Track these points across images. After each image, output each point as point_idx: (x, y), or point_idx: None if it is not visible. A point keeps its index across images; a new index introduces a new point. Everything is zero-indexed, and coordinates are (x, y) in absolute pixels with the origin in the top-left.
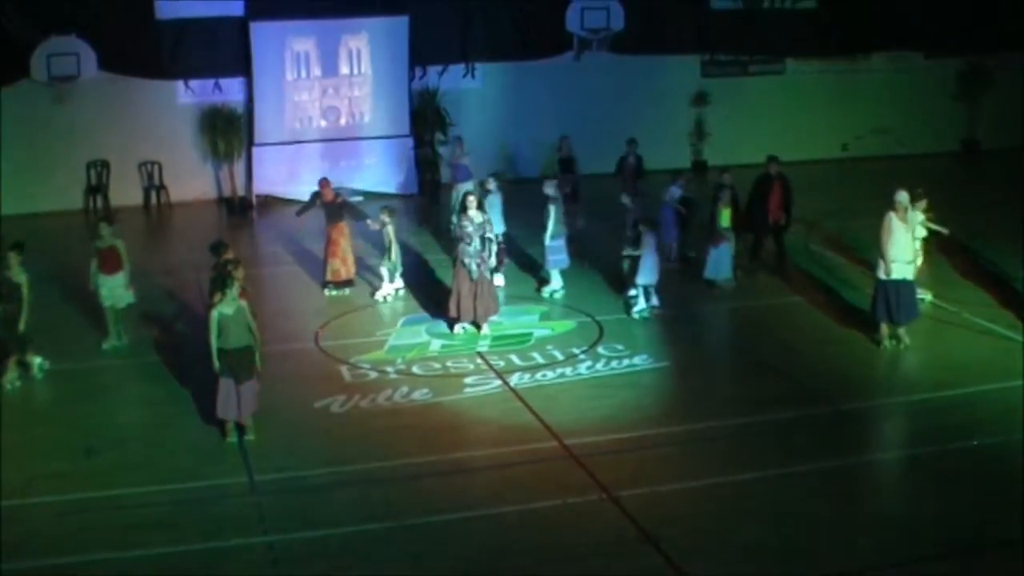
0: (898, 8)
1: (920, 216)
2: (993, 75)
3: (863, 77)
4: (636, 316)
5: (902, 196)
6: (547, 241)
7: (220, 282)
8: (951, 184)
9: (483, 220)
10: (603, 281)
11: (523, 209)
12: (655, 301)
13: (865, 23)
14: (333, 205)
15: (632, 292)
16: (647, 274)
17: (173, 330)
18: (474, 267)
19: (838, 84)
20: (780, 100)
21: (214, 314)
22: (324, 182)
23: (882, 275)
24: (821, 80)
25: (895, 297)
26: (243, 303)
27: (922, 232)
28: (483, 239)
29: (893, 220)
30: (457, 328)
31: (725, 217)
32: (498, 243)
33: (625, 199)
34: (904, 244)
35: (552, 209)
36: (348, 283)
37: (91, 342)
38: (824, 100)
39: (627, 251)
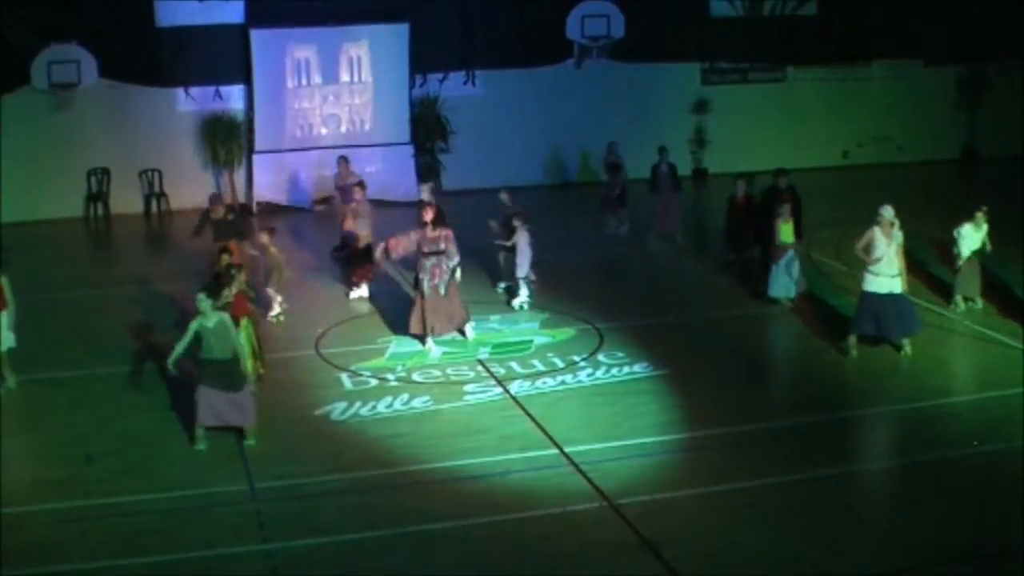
0: (897, 16)
1: (982, 230)
2: (992, 82)
3: (863, 85)
4: (517, 307)
5: (887, 211)
6: None
7: (213, 289)
8: (951, 191)
9: (437, 237)
10: (604, 283)
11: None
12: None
13: (865, 31)
14: (224, 222)
15: (507, 284)
16: (525, 267)
17: (173, 337)
18: (426, 284)
19: (838, 92)
20: (780, 108)
21: (193, 325)
22: (215, 198)
23: (866, 287)
24: (821, 88)
25: (883, 310)
26: (224, 316)
27: (976, 245)
28: (439, 255)
29: (877, 234)
30: (428, 343)
31: (787, 232)
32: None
33: (503, 195)
34: (888, 258)
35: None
36: None
37: (90, 349)
38: (824, 108)
39: (499, 242)
